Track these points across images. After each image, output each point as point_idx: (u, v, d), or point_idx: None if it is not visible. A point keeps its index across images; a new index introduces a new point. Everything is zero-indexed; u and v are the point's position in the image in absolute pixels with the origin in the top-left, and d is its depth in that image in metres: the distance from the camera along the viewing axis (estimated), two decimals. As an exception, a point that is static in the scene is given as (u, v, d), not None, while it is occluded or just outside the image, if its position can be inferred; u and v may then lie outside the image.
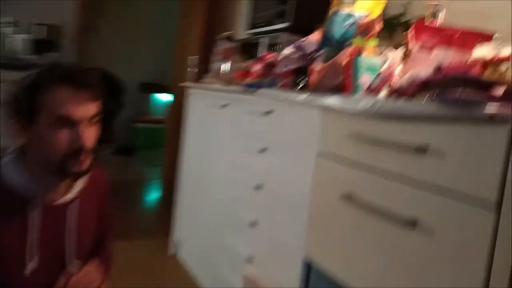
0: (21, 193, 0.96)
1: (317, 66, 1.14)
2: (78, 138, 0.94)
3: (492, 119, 0.72)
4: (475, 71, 0.91)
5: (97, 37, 4.53)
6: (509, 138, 0.70)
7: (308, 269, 1.19)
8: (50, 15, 3.53)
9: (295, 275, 1.21)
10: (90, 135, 0.96)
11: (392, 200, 0.91)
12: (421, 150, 0.86)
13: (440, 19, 1.18)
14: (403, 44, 1.10)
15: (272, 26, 1.98)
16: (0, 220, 0.95)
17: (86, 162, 0.98)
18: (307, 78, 1.17)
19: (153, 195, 3.95)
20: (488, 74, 0.92)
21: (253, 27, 2.19)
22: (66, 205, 1.04)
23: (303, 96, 1.18)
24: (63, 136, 0.93)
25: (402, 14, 1.42)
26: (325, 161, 1.15)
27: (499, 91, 0.86)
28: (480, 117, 0.73)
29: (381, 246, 0.93)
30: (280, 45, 1.89)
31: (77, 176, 1.02)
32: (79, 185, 1.06)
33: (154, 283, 2.07)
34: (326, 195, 1.13)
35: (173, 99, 4.28)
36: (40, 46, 3.42)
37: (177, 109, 4.01)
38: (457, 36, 0.89)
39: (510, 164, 0.70)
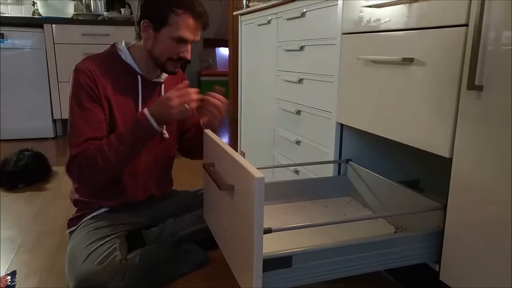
0: (131, 69, 1.37)
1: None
2: (185, 52, 1.34)
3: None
4: None
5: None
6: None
7: (341, 128, 1.49)
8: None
9: (333, 135, 1.52)
10: (189, 51, 1.35)
11: (394, 49, 1.16)
12: None
13: None
14: None
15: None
16: (124, 80, 1.37)
17: (178, 66, 1.38)
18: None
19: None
20: None
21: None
22: (158, 83, 1.45)
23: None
24: (177, 49, 1.32)
25: None
26: (346, 37, 1.40)
27: None
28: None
29: (389, 85, 1.18)
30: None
31: (169, 73, 1.42)
32: (165, 75, 1.46)
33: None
34: (348, 63, 1.39)
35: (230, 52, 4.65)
36: (112, 3, 3.91)
37: (234, 62, 4.37)
38: None
39: None
